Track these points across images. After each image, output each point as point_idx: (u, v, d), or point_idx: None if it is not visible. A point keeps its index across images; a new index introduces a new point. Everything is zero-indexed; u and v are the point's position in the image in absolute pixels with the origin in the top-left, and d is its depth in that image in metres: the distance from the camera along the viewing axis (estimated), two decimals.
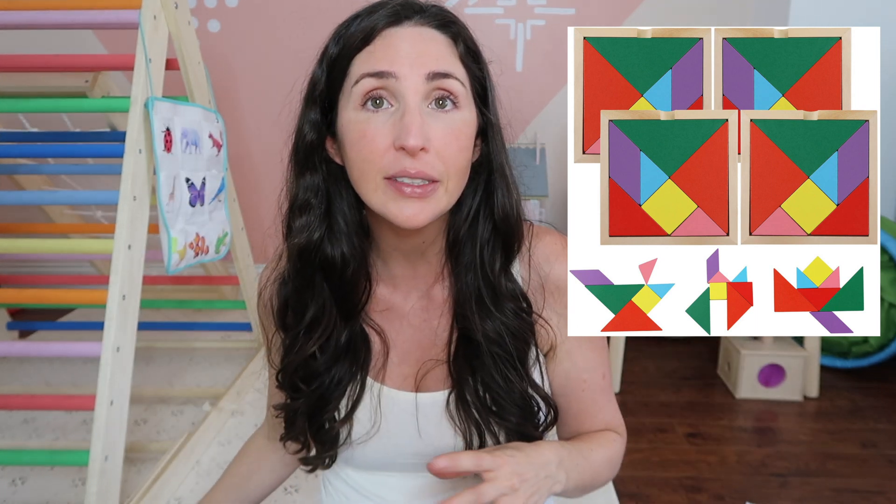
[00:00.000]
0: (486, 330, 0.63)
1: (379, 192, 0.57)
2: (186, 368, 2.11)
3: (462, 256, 0.65)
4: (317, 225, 0.63)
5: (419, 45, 0.57)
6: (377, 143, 0.56)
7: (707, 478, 1.53)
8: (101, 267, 2.55)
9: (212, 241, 1.60)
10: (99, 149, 1.81)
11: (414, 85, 0.56)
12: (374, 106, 0.57)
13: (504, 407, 0.63)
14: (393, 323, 0.69)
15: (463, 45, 0.60)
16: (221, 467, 1.55)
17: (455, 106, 0.58)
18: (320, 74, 0.62)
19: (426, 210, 0.57)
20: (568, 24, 2.50)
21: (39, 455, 1.37)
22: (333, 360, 0.66)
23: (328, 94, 0.62)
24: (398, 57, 0.56)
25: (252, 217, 2.68)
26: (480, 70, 0.62)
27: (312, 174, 0.63)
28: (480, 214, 0.64)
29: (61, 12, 1.37)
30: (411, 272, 0.68)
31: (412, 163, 0.55)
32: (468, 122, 0.59)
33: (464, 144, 0.58)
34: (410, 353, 0.68)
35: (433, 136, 0.56)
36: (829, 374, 2.04)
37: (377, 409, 0.67)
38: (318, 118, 0.63)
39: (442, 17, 0.60)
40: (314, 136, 0.63)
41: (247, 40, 2.58)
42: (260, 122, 2.68)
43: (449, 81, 0.57)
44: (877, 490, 1.48)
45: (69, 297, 1.61)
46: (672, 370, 2.11)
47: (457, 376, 0.65)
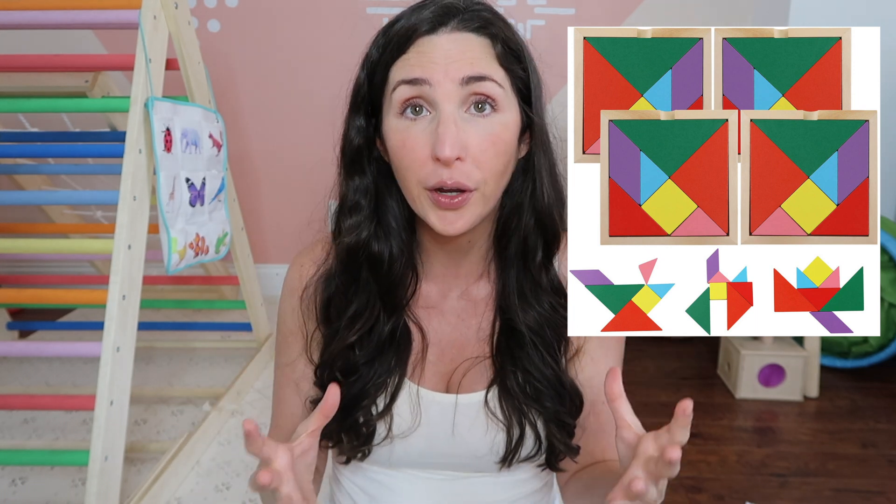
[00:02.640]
0: (528, 321, 0.65)
1: (421, 200, 0.59)
2: (186, 368, 2.11)
3: (508, 249, 0.66)
4: (366, 224, 0.65)
5: (453, 51, 0.57)
6: (416, 153, 0.57)
7: (707, 478, 1.53)
8: (101, 267, 2.55)
9: (212, 241, 1.60)
10: (99, 149, 1.81)
11: (447, 91, 0.56)
12: (414, 113, 0.58)
13: (543, 393, 0.65)
14: (432, 321, 0.70)
15: (501, 46, 0.60)
16: (221, 467, 1.55)
17: (494, 109, 0.58)
18: (363, 79, 0.63)
19: (463, 218, 0.58)
20: (568, 24, 2.49)
21: (39, 455, 1.37)
22: (375, 352, 0.66)
23: (371, 98, 0.63)
24: (431, 64, 0.57)
25: (252, 217, 2.69)
26: (524, 70, 0.62)
27: (361, 177, 0.65)
28: (525, 207, 0.65)
29: (61, 12, 1.37)
30: (454, 270, 0.69)
31: (449, 173, 0.56)
32: (508, 125, 0.59)
33: (501, 149, 0.59)
34: (447, 352, 0.69)
35: (470, 144, 0.57)
36: (829, 374, 2.04)
37: (417, 405, 0.67)
38: (363, 123, 0.64)
39: (480, 18, 0.60)
40: (361, 141, 0.64)
41: (247, 40, 2.58)
42: (260, 122, 2.68)
43: (485, 84, 0.57)
44: (877, 490, 1.48)
45: (69, 297, 1.61)
46: (672, 370, 2.11)
47: (500, 366, 0.66)
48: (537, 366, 0.65)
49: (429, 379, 0.68)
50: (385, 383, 0.66)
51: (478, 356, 0.68)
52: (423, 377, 0.68)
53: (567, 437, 0.67)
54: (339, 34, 2.58)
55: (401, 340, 0.67)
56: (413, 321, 0.69)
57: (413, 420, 0.66)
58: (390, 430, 0.66)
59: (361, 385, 0.66)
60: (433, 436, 0.67)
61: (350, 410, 0.66)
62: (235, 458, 1.59)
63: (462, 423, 0.67)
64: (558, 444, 0.66)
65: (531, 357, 0.65)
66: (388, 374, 0.66)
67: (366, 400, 0.66)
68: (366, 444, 0.67)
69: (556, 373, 0.66)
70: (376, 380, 0.66)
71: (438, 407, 0.67)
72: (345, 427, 0.66)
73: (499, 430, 0.66)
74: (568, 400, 0.66)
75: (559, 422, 0.65)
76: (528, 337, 0.65)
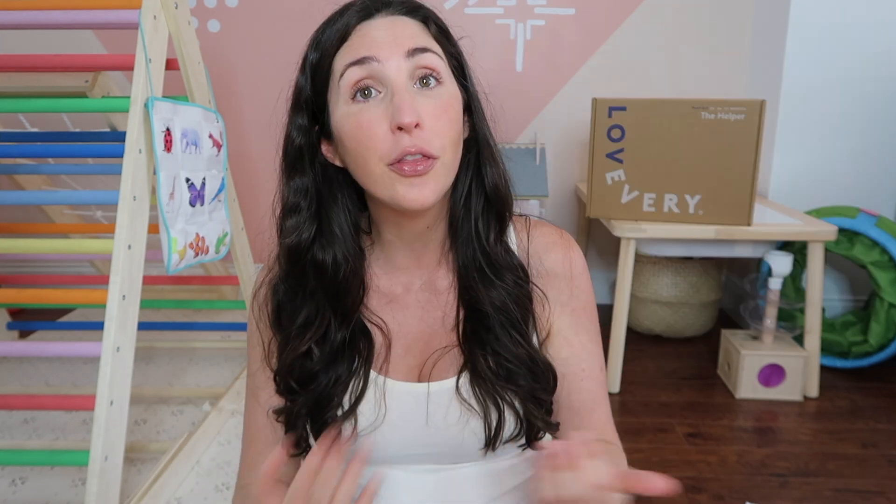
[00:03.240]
0: (492, 298, 0.65)
1: (385, 179, 0.59)
2: (186, 368, 2.11)
3: (461, 232, 0.67)
4: (306, 226, 0.65)
5: (393, 29, 0.60)
6: (374, 130, 0.58)
7: (707, 478, 1.53)
8: (101, 267, 2.55)
9: (212, 241, 1.60)
10: (99, 149, 1.81)
11: (396, 65, 0.59)
12: (364, 97, 0.59)
13: (514, 371, 0.65)
14: (396, 315, 0.70)
15: (434, 26, 0.64)
16: (221, 467, 1.55)
17: (438, 82, 0.61)
18: (304, 81, 0.65)
19: (428, 187, 0.59)
20: (568, 24, 2.50)
21: (39, 455, 1.37)
22: (331, 359, 0.66)
23: (315, 99, 0.64)
24: (375, 42, 0.59)
25: (252, 217, 2.68)
26: (454, 47, 0.65)
27: (301, 177, 0.65)
28: (473, 189, 0.67)
29: (61, 12, 1.37)
30: (414, 262, 0.70)
31: (410, 140, 0.57)
32: (454, 96, 0.62)
33: (453, 117, 0.61)
34: (415, 344, 0.69)
35: (424, 113, 0.58)
36: (829, 374, 2.04)
37: (381, 399, 0.67)
38: (305, 123, 0.65)
39: (409, 3, 0.63)
40: (303, 140, 0.65)
41: (247, 40, 2.58)
42: (260, 122, 2.68)
43: (428, 56, 0.60)
44: (877, 490, 1.48)
45: (69, 297, 1.60)
46: (672, 370, 2.11)
47: (468, 353, 0.66)
48: (506, 346, 0.65)
49: (399, 372, 0.68)
50: (347, 384, 0.66)
51: (446, 346, 0.68)
52: (392, 370, 0.68)
53: (546, 413, 0.67)
54: None
55: (359, 342, 0.67)
56: (372, 321, 0.69)
57: (376, 415, 0.66)
58: (355, 428, 0.66)
59: (321, 390, 0.66)
60: (408, 427, 0.67)
61: (315, 416, 0.66)
62: (235, 458, 1.59)
63: (436, 413, 0.67)
64: (536, 422, 0.67)
65: (499, 338, 0.65)
66: (349, 376, 0.66)
67: (331, 403, 0.66)
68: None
69: (527, 350, 0.66)
70: (338, 382, 0.66)
71: (410, 397, 0.67)
72: (314, 432, 0.67)
73: (472, 417, 0.66)
74: (541, 376, 0.67)
75: (535, 399, 0.66)
76: (493, 317, 0.65)
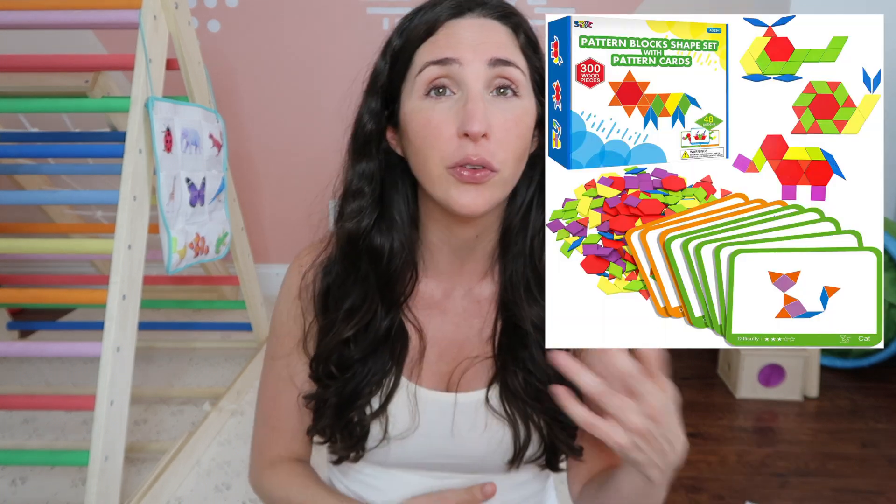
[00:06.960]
0: (534, 317, 0.64)
1: (441, 180, 0.58)
2: (186, 368, 2.11)
3: (513, 246, 0.66)
4: (368, 212, 0.65)
5: (481, 33, 0.59)
6: (441, 131, 0.57)
7: (707, 478, 1.53)
8: (101, 267, 2.55)
9: (212, 241, 1.60)
10: (99, 149, 1.81)
11: (476, 71, 0.57)
12: (437, 94, 0.58)
13: (543, 393, 0.64)
14: (433, 320, 0.69)
15: (524, 36, 0.62)
16: (221, 467, 1.55)
17: (515, 94, 0.59)
18: (383, 66, 0.64)
19: (483, 196, 0.58)
20: None
21: (39, 455, 1.37)
22: (370, 349, 0.66)
23: (390, 86, 0.63)
24: (461, 44, 0.58)
25: (252, 217, 2.69)
26: (539, 61, 0.63)
27: (368, 161, 0.65)
28: (534, 205, 0.65)
29: (61, 12, 1.37)
30: (458, 268, 0.69)
31: (474, 149, 0.56)
32: (527, 111, 0.60)
33: (523, 132, 0.60)
34: (448, 351, 0.68)
35: (494, 123, 0.57)
36: (829, 374, 2.04)
37: (415, 407, 0.66)
38: (378, 108, 0.64)
39: (503, 8, 0.62)
40: (373, 125, 0.64)
41: (247, 40, 2.58)
42: (260, 122, 2.68)
43: (510, 69, 0.59)
44: (877, 490, 1.48)
45: (69, 297, 1.61)
46: (672, 370, 2.10)
47: (501, 366, 0.65)
48: (539, 366, 0.64)
49: (428, 379, 0.68)
50: (380, 382, 0.66)
51: (478, 355, 0.67)
52: (421, 377, 0.67)
53: (569, 437, 0.66)
54: (339, 34, 2.58)
55: (397, 339, 0.67)
56: (411, 322, 0.68)
57: (412, 421, 0.66)
58: (386, 431, 0.66)
59: (356, 383, 0.65)
60: (431, 436, 0.67)
61: (344, 409, 0.65)
62: (235, 458, 1.59)
63: (461, 423, 0.66)
64: (560, 445, 0.66)
65: (535, 357, 0.64)
66: (383, 374, 0.66)
67: (360, 399, 0.65)
68: (359, 444, 0.67)
69: (558, 372, 0.65)
70: (371, 378, 0.65)
71: (437, 406, 0.67)
72: (339, 426, 0.66)
73: (498, 430, 0.66)
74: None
75: (560, 422, 0.65)
76: (532, 335, 0.64)
